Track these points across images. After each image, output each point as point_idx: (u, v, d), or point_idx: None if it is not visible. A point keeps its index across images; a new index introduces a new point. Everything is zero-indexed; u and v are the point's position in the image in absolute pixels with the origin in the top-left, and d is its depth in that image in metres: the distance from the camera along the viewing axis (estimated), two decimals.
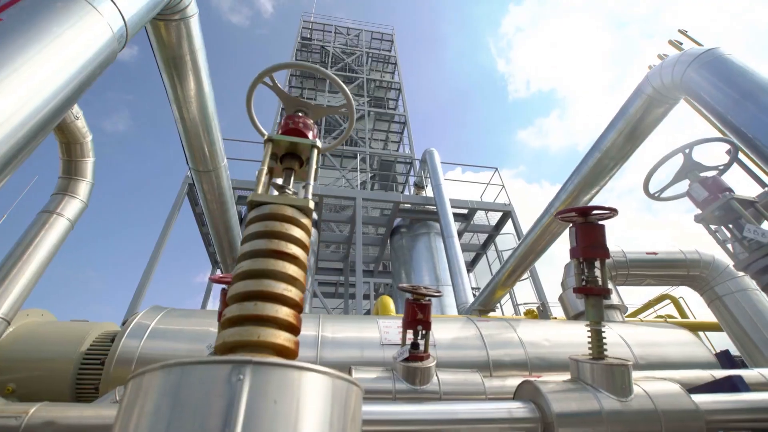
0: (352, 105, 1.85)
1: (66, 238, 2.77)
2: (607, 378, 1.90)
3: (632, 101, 3.97)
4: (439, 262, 9.21)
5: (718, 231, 2.16)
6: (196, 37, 3.21)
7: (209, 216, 4.66)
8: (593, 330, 2.08)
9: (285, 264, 1.21)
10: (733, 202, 2.05)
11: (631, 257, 4.40)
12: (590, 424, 1.74)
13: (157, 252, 7.39)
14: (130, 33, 2.24)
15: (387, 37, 19.88)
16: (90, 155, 2.92)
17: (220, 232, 4.94)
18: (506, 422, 1.75)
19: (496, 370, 3.21)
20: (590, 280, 2.11)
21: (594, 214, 2.15)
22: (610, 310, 4.11)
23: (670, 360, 3.51)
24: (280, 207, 1.32)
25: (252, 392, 0.81)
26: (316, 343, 3.09)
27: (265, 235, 1.26)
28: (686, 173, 2.42)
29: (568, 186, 4.86)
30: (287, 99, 1.81)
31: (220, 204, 4.56)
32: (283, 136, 1.56)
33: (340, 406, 0.98)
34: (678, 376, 2.91)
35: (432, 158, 9.90)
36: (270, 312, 1.10)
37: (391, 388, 2.36)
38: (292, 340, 1.13)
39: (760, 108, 2.87)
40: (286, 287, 1.17)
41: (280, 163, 1.63)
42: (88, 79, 1.87)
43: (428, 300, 2.53)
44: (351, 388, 1.06)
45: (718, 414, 1.99)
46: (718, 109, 3.15)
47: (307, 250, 1.34)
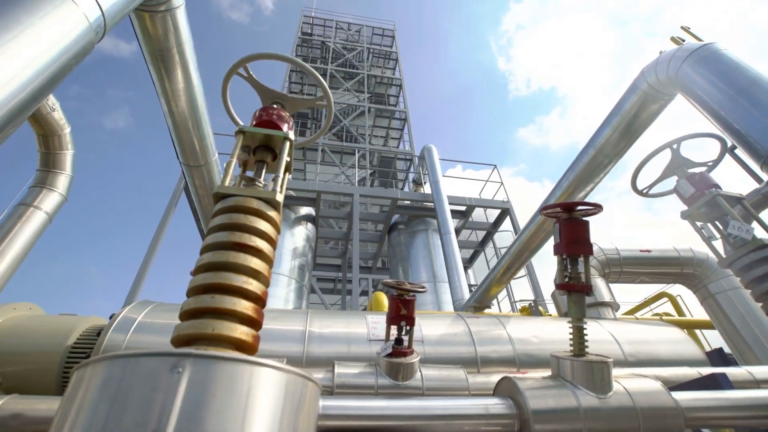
0: (329, 97, 1.82)
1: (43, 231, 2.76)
2: (587, 375, 1.88)
3: (627, 97, 3.93)
4: (436, 259, 9.19)
5: (704, 228, 2.13)
6: (182, 30, 3.18)
7: (201, 211, 4.65)
8: (575, 327, 2.06)
9: (247, 257, 1.19)
10: (718, 199, 2.01)
11: (624, 255, 4.37)
12: (567, 421, 1.73)
13: (153, 248, 7.41)
14: (108, 24, 2.22)
15: (388, 33, 19.78)
16: (69, 147, 2.90)
17: None
18: (482, 418, 1.74)
19: (483, 367, 3.20)
20: (573, 277, 2.08)
21: (578, 210, 2.13)
22: (602, 307, 4.09)
23: (660, 357, 3.49)
24: (246, 199, 1.31)
25: (190, 386, 0.80)
26: (303, 338, 3.08)
27: (228, 228, 1.24)
28: (674, 169, 2.38)
29: (563, 183, 4.82)
30: (263, 90, 1.79)
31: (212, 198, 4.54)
32: (255, 128, 1.54)
33: (293, 402, 0.96)
34: (665, 374, 2.90)
35: (430, 155, 9.86)
36: (227, 305, 1.09)
37: (373, 384, 2.35)
38: (251, 333, 1.11)
39: (754, 104, 2.83)
40: (246, 280, 1.15)
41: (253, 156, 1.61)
42: (62, 70, 1.85)
43: (412, 296, 2.51)
44: (306, 384, 1.05)
45: (699, 411, 1.97)
46: (712, 106, 3.11)
47: (273, 244, 1.33)
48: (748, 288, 1.85)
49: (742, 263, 1.84)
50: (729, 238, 1.93)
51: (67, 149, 2.88)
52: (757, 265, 1.78)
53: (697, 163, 2.31)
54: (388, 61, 19.64)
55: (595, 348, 3.49)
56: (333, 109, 1.87)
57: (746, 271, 1.83)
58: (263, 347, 2.98)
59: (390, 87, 18.79)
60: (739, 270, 1.87)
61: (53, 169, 2.88)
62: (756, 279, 1.78)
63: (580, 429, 1.72)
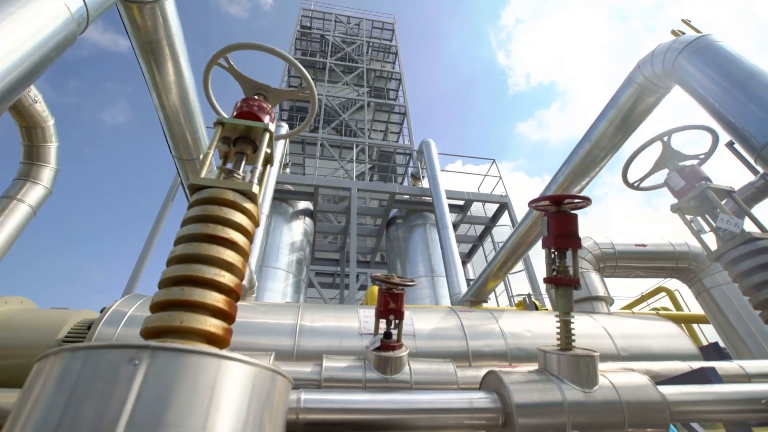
0: (313, 89, 1.80)
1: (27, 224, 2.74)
2: (573, 369, 1.87)
3: (623, 90, 3.89)
4: (434, 253, 9.18)
5: (693, 221, 2.10)
6: (172, 21, 3.14)
7: None
8: (562, 320, 2.04)
9: (220, 249, 1.18)
10: (708, 192, 1.98)
11: (619, 249, 4.35)
12: (552, 415, 1.72)
13: (150, 242, 7.40)
14: (92, 15, 2.19)
15: (388, 26, 19.62)
16: (53, 140, 2.87)
17: None
18: (466, 412, 1.73)
19: (475, 361, 3.20)
20: (561, 270, 2.07)
21: (567, 203, 2.11)
22: (596, 301, 4.08)
23: (653, 352, 3.48)
24: (221, 191, 1.29)
25: (147, 379, 0.78)
26: (294, 331, 3.07)
27: (201, 219, 1.22)
28: (665, 162, 2.35)
29: (559, 177, 4.79)
30: (245, 81, 1.77)
31: None
32: (233, 119, 1.52)
33: (260, 396, 0.95)
34: (656, 368, 2.89)
35: (428, 149, 9.81)
36: (197, 297, 1.07)
37: (361, 377, 2.35)
38: (222, 326, 1.10)
39: (749, 97, 2.79)
40: (218, 272, 1.14)
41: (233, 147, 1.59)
42: (42, 61, 1.83)
43: (401, 289, 2.50)
44: (275, 378, 1.04)
45: (686, 405, 1.96)
46: (708, 98, 3.07)
47: (249, 236, 1.31)
48: (737, 282, 1.83)
49: (730, 257, 1.82)
50: (718, 231, 1.91)
51: (51, 141, 2.85)
52: (745, 258, 1.76)
53: (689, 155, 2.27)
54: (388, 54, 19.51)
55: (588, 342, 3.51)
56: (316, 101, 1.85)
57: (734, 265, 1.80)
58: (253, 340, 2.99)
59: (389, 81, 18.68)
60: (728, 263, 1.85)
61: (37, 162, 2.85)
62: (744, 273, 1.76)
63: (565, 423, 1.71)
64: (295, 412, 1.57)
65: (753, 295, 1.74)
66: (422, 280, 8.93)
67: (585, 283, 4.14)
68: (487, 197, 9.86)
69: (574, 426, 1.72)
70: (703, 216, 2.00)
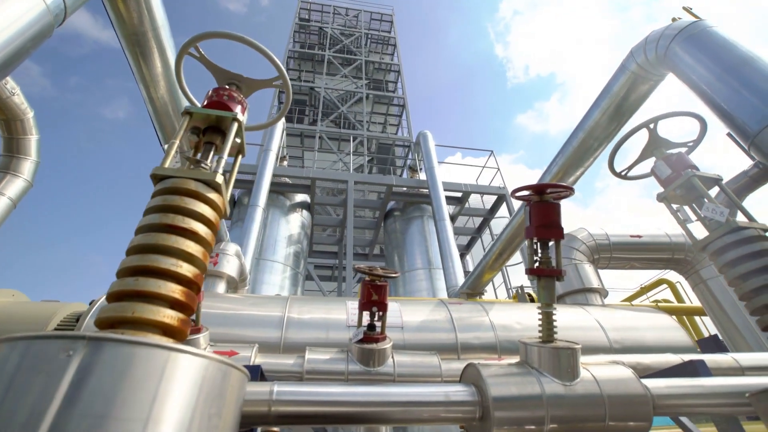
0: (286, 78, 1.76)
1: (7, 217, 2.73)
2: (554, 361, 1.84)
3: (616, 78, 3.82)
4: (431, 246, 9.15)
5: (680, 210, 2.05)
6: (157, 13, 3.10)
7: None
8: (544, 312, 2.01)
9: (178, 239, 1.15)
10: (694, 180, 1.93)
11: (614, 240, 4.30)
12: (529, 408, 1.69)
13: None
14: (70, 7, 2.16)
15: (386, 18, 19.43)
16: (33, 132, 2.84)
17: None
18: (442, 405, 1.71)
19: (464, 353, 3.18)
20: (543, 261, 2.03)
21: (549, 192, 2.06)
22: (589, 293, 4.04)
23: (647, 344, 3.45)
24: (183, 180, 1.26)
25: (80, 370, 0.76)
26: (281, 323, 3.06)
27: (161, 210, 1.20)
28: (652, 150, 2.30)
29: (553, 168, 4.74)
30: (217, 71, 1.73)
31: None
32: (201, 109, 1.49)
33: (210, 388, 0.93)
34: (647, 361, 2.86)
35: (425, 141, 9.74)
36: (152, 288, 1.05)
37: (343, 370, 2.33)
38: (178, 317, 1.07)
39: (743, 83, 2.73)
40: (175, 263, 1.11)
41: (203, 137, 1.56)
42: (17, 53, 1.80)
43: (384, 281, 2.47)
44: (228, 371, 1.02)
45: (672, 398, 1.93)
46: (701, 86, 3.00)
47: (213, 226, 1.28)
48: (722, 272, 1.78)
49: (715, 246, 1.77)
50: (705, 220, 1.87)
51: (32, 134, 2.82)
52: (730, 248, 1.71)
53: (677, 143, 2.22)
54: (387, 46, 19.33)
55: (580, 335, 3.48)
56: (290, 90, 1.81)
57: (720, 255, 1.76)
58: (240, 332, 2.97)
59: (388, 73, 18.54)
60: (713, 253, 1.80)
61: (17, 155, 2.82)
62: (729, 263, 1.72)
63: (543, 416, 1.68)
64: (267, 404, 1.56)
65: (738, 286, 1.70)
66: (420, 273, 8.92)
67: (579, 275, 4.10)
68: (485, 189, 9.80)
69: (552, 419, 1.69)
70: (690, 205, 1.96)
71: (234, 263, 3.78)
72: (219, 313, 3.06)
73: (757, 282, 1.62)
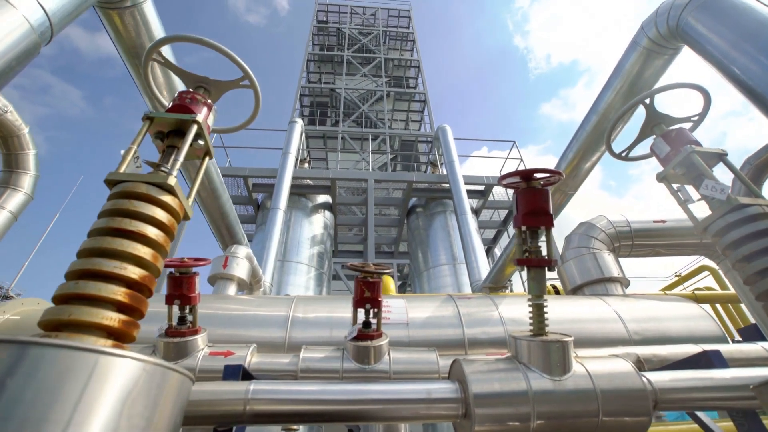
0: (252, 77, 1.76)
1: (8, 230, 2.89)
2: (543, 356, 1.75)
3: (628, 55, 3.60)
4: (455, 241, 9.00)
5: (680, 190, 1.87)
6: (153, 24, 3.20)
7: (201, 204, 4.76)
8: (534, 305, 1.92)
9: (124, 241, 1.17)
10: (693, 156, 1.76)
11: (636, 227, 4.06)
12: (514, 405, 1.62)
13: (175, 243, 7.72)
14: (56, 25, 2.25)
15: (404, 14, 19.27)
16: (30, 147, 3.02)
17: (216, 220, 5.04)
18: (422, 403, 1.66)
19: (472, 349, 3.09)
20: (532, 251, 1.94)
21: (537, 177, 1.96)
22: (609, 283, 3.83)
23: (670, 335, 3.23)
24: (134, 185, 1.28)
25: (1, 374, 0.78)
26: (286, 323, 3.09)
27: (110, 214, 1.22)
28: (652, 127, 2.12)
29: (568, 154, 4.53)
30: (184, 75, 1.76)
31: (211, 191, 4.63)
32: (161, 113, 1.51)
33: (142, 393, 0.93)
34: (664, 352, 2.68)
35: (444, 135, 9.59)
36: (92, 290, 1.07)
37: (338, 368, 2.32)
38: (119, 319, 1.09)
39: (761, 49, 2.49)
40: (119, 265, 1.13)
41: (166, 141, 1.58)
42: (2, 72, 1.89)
43: (377, 277, 2.44)
44: (167, 374, 1.02)
45: (677, 392, 1.80)
46: (716, 56, 2.77)
47: (166, 228, 1.30)
48: (725, 255, 1.62)
49: (717, 227, 1.60)
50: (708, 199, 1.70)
51: (29, 149, 3.00)
52: (732, 228, 1.54)
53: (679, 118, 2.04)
54: (406, 42, 19.19)
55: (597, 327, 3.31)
56: (258, 91, 1.81)
57: (721, 236, 1.59)
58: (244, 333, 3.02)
59: (408, 69, 18.40)
60: (715, 235, 1.63)
61: (16, 169, 3.01)
62: (732, 244, 1.54)
63: (528, 413, 1.60)
64: (243, 403, 1.57)
65: (742, 269, 1.53)
66: (444, 268, 8.80)
67: (597, 265, 3.90)
68: None
69: (539, 415, 1.61)
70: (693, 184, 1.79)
71: (244, 265, 3.86)
72: (225, 314, 3.13)
73: (762, 264, 1.45)
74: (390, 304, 3.31)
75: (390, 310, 3.26)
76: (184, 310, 2.38)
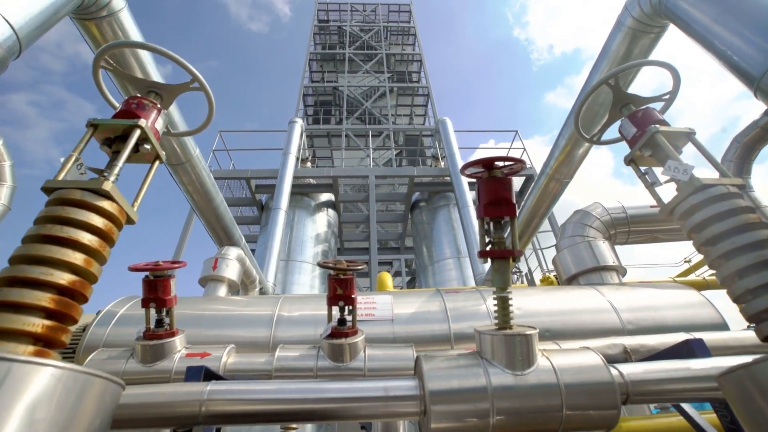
0: (201, 80, 1.75)
1: None
2: (506, 350, 1.71)
3: (613, 37, 3.48)
4: (459, 234, 8.92)
5: (648, 173, 1.79)
6: (131, 32, 3.21)
7: (196, 207, 4.81)
8: (499, 297, 1.87)
9: (52, 248, 1.17)
10: (657, 136, 1.67)
11: (632, 213, 3.94)
12: (472, 401, 1.58)
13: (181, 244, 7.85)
14: (24, 39, 2.27)
15: (405, 8, 19.11)
16: (5, 158, 3.08)
17: (212, 222, 5.09)
18: (380, 401, 1.64)
19: (458, 343, 3.05)
20: (495, 242, 1.89)
21: (499, 166, 1.91)
22: (604, 272, 3.73)
23: (666, 324, 3.14)
24: (68, 191, 1.28)
25: None
26: (271, 322, 3.10)
27: (43, 221, 1.23)
28: (620, 108, 2.04)
29: (560, 142, 4.42)
30: (134, 81, 1.76)
31: (204, 194, 4.67)
32: (105, 120, 1.52)
33: (59, 400, 0.93)
34: (653, 342, 2.59)
35: (445, 127, 9.49)
36: (15, 297, 1.08)
37: (312, 366, 2.31)
38: (43, 324, 1.10)
39: (744, 22, 2.37)
40: (46, 271, 1.13)
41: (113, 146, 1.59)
42: None
43: (350, 274, 2.42)
44: (90, 380, 1.02)
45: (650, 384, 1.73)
46: (699, 31, 2.65)
47: (104, 233, 1.30)
48: (691, 238, 1.54)
49: (681, 209, 1.52)
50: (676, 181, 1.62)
51: (4, 160, 3.06)
52: (696, 210, 1.45)
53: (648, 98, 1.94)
54: (407, 37, 19.03)
55: (589, 318, 3.24)
56: (209, 91, 1.80)
57: (686, 219, 1.51)
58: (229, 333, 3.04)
59: (411, 63, 18.26)
60: (680, 218, 1.55)
61: None
62: (696, 227, 1.46)
63: (487, 409, 1.57)
64: (198, 404, 1.57)
65: (707, 252, 1.45)
66: (449, 262, 8.74)
67: (592, 253, 3.80)
68: None
69: (499, 411, 1.57)
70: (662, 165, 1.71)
71: (234, 267, 3.89)
72: (211, 315, 3.16)
73: (725, 246, 1.37)
74: (375, 300, 3.29)
75: (375, 307, 3.24)
76: (161, 312, 2.40)
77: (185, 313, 3.13)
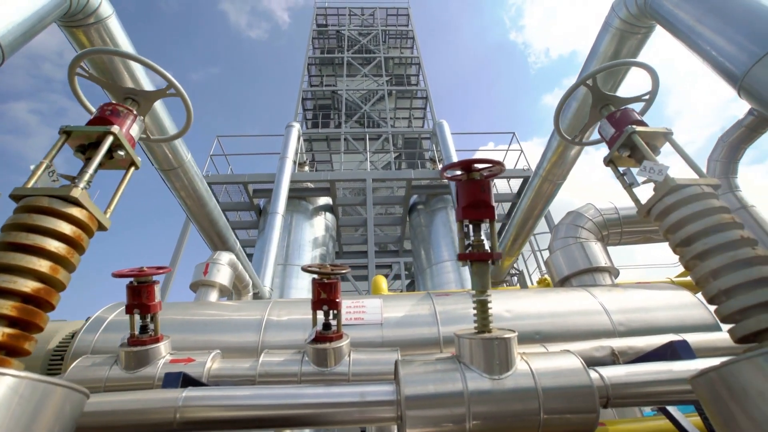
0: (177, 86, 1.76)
1: None
2: (484, 354, 1.69)
3: (601, 38, 3.48)
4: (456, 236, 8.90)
5: (626, 174, 1.78)
6: (119, 38, 3.23)
7: (189, 212, 4.82)
8: (477, 300, 1.86)
9: (17, 255, 1.17)
10: (634, 137, 1.66)
11: (624, 213, 3.92)
12: (448, 406, 1.57)
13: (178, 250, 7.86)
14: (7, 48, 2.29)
15: (402, 12, 19.18)
16: None
17: (206, 227, 5.11)
18: (356, 406, 1.63)
19: (447, 347, 3.03)
20: (475, 244, 1.88)
21: (478, 168, 1.91)
22: (597, 273, 3.71)
23: (658, 325, 3.11)
24: (36, 198, 1.28)
25: None
26: (260, 327, 3.09)
27: (9, 228, 1.23)
28: (600, 109, 2.03)
29: (552, 143, 4.42)
30: (111, 87, 1.77)
31: (197, 199, 4.69)
32: (77, 126, 1.52)
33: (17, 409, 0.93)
34: (641, 344, 2.57)
35: (442, 130, 9.49)
36: None
37: (297, 371, 2.30)
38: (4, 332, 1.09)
39: (726, 20, 2.37)
40: (8, 279, 1.13)
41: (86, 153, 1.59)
42: None
43: (334, 278, 2.41)
44: (50, 389, 1.02)
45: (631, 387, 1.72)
46: (683, 31, 2.65)
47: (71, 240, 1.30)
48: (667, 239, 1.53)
49: (657, 210, 1.51)
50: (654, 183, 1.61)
51: None
52: (670, 210, 1.44)
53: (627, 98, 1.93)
54: (405, 40, 19.08)
55: (580, 320, 3.21)
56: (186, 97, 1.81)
57: (662, 219, 1.49)
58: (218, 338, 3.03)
59: (409, 67, 18.29)
60: (656, 219, 1.54)
61: None
62: (671, 227, 1.45)
63: (463, 414, 1.55)
64: (173, 411, 1.56)
65: (682, 253, 1.44)
66: (447, 265, 8.71)
67: (585, 254, 3.78)
68: (509, 173, 9.36)
69: (475, 416, 1.56)
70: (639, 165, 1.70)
71: (226, 272, 3.89)
72: (200, 320, 3.16)
73: (698, 247, 1.36)
74: (365, 304, 3.28)
75: (365, 311, 3.23)
76: (146, 318, 2.40)
77: (174, 318, 3.13)
